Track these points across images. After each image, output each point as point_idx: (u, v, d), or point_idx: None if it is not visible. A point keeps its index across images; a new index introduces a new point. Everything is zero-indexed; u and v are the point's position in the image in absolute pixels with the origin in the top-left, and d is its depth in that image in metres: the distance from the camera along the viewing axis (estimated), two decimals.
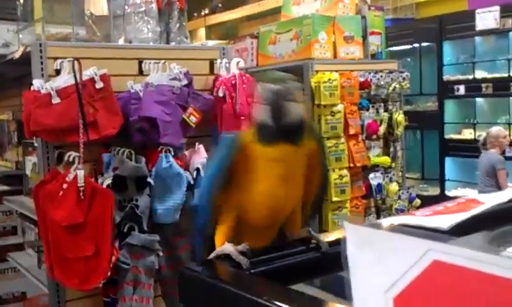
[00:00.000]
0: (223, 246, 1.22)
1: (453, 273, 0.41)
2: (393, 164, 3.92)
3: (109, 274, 2.41)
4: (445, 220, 0.86)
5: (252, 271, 1.06)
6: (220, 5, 14.25)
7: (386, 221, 1.00)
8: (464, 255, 0.39)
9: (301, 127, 1.38)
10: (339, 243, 1.21)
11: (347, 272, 0.50)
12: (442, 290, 0.42)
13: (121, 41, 2.97)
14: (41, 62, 2.51)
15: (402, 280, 0.45)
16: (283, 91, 1.36)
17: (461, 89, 6.83)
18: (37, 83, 2.45)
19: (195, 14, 13.84)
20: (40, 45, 2.53)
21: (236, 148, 1.37)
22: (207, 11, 14.31)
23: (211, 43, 4.81)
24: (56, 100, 2.42)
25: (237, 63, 2.89)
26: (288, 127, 1.35)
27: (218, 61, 2.94)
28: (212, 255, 1.18)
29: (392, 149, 3.94)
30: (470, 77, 6.77)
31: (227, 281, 0.91)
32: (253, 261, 1.09)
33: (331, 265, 1.10)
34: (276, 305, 0.75)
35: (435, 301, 0.43)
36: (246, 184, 1.36)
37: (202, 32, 8.45)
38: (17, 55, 2.85)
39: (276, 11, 6.73)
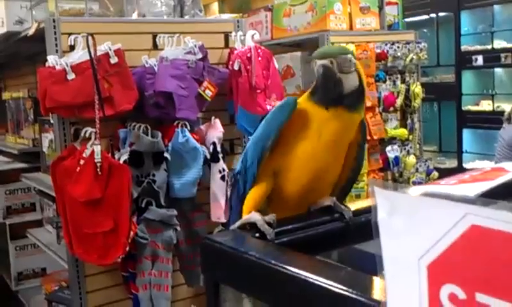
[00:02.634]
0: (250, 215, 1.18)
1: (493, 239, 0.39)
2: (411, 137, 3.88)
3: (127, 248, 2.42)
4: (471, 188, 0.84)
5: (276, 241, 1.04)
6: None
7: (411, 190, 0.97)
8: (507, 219, 0.37)
9: (358, 93, 1.34)
10: (361, 213, 1.21)
11: (378, 240, 0.48)
12: (481, 256, 0.40)
13: (134, 16, 2.95)
14: (55, 38, 2.50)
15: (436, 247, 0.43)
16: (329, 66, 1.31)
17: (479, 60, 6.70)
18: (51, 59, 2.44)
19: None
20: (54, 21, 2.51)
21: (292, 108, 1.33)
22: None
23: (225, 16, 4.75)
24: (71, 75, 2.42)
25: (252, 36, 2.85)
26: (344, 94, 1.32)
27: (233, 34, 2.91)
28: (238, 223, 1.17)
29: (409, 121, 3.90)
30: (489, 47, 6.64)
31: (251, 251, 0.90)
32: (277, 231, 1.07)
33: (355, 235, 1.08)
34: (303, 275, 0.74)
35: (472, 269, 0.41)
36: (292, 145, 1.33)
37: (215, 6, 8.35)
38: (31, 32, 2.83)
39: None
